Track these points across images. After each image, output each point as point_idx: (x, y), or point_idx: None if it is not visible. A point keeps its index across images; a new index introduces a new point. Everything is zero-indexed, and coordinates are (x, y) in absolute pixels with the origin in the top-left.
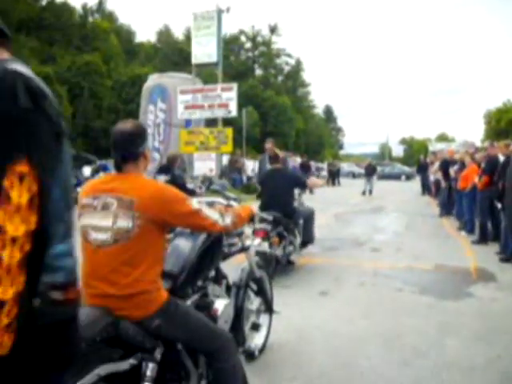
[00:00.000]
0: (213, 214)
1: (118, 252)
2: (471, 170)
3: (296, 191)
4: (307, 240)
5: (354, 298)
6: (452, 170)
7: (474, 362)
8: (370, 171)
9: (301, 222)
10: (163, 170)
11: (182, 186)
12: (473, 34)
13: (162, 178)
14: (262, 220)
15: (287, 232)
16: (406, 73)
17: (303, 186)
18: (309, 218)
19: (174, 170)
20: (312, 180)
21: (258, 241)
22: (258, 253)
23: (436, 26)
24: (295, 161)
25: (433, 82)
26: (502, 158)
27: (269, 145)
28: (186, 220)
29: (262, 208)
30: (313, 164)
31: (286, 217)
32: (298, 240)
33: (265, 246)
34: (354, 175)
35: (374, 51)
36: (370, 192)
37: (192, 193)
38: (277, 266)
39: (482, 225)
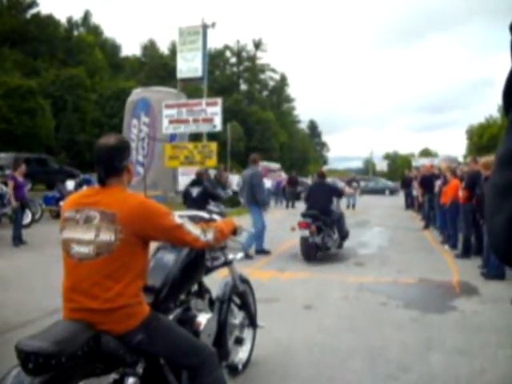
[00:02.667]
0: (195, 230)
1: (100, 265)
2: (452, 185)
3: (334, 199)
4: (343, 235)
5: (338, 312)
6: (436, 185)
7: (458, 375)
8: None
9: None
10: (196, 183)
11: (212, 194)
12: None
13: (196, 190)
14: (305, 215)
15: (325, 226)
16: (390, 89)
17: (340, 195)
18: (340, 217)
19: (204, 181)
20: (346, 190)
21: (240, 254)
22: (301, 239)
23: (419, 44)
24: (280, 176)
25: (417, 98)
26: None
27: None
28: (168, 234)
29: (307, 208)
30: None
31: (324, 215)
32: (336, 235)
33: (306, 233)
34: None
35: (358, 67)
36: (353, 206)
37: (221, 198)
38: (316, 252)
39: (466, 238)
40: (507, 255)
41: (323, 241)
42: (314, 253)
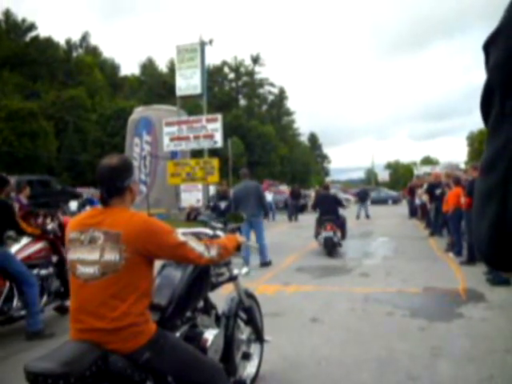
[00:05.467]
0: (198, 247)
1: (105, 285)
2: (453, 193)
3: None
4: (343, 235)
5: (345, 324)
6: (437, 193)
7: (467, 382)
8: (362, 195)
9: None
10: (222, 197)
11: None
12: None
13: (223, 204)
14: (326, 220)
15: (336, 227)
16: (391, 98)
17: (341, 205)
18: (343, 221)
19: (229, 197)
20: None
21: (245, 269)
22: (325, 238)
23: (420, 52)
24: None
25: (419, 106)
26: None
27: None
28: (172, 252)
29: (321, 214)
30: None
31: (337, 219)
32: (340, 234)
33: (330, 234)
34: None
35: (358, 78)
36: (367, 216)
37: None
38: (336, 246)
39: (470, 245)
40: (491, 259)
41: (338, 239)
42: (333, 249)
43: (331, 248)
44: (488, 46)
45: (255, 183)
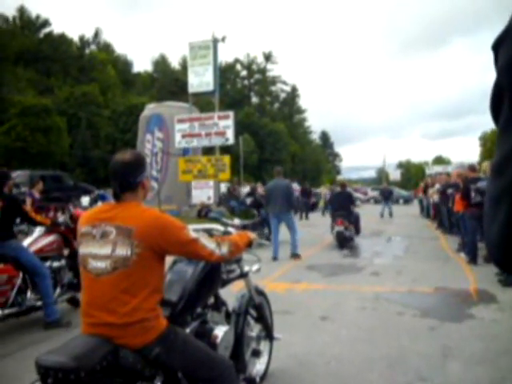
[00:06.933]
0: (210, 244)
1: (117, 280)
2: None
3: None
4: (357, 230)
5: (355, 323)
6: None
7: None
8: (387, 195)
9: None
10: (250, 194)
11: (260, 203)
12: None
13: (249, 199)
14: (338, 215)
15: (349, 222)
16: (406, 97)
17: (353, 203)
18: (357, 217)
19: (256, 194)
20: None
21: (256, 266)
22: (336, 232)
23: (437, 50)
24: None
25: (434, 105)
26: None
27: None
28: (183, 248)
29: (335, 210)
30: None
31: (349, 215)
32: (353, 230)
33: (341, 228)
34: None
35: (371, 76)
36: (391, 214)
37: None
38: (349, 241)
39: (472, 245)
40: (503, 262)
41: (350, 234)
42: (345, 243)
43: (342, 241)
44: (497, 47)
45: (286, 182)
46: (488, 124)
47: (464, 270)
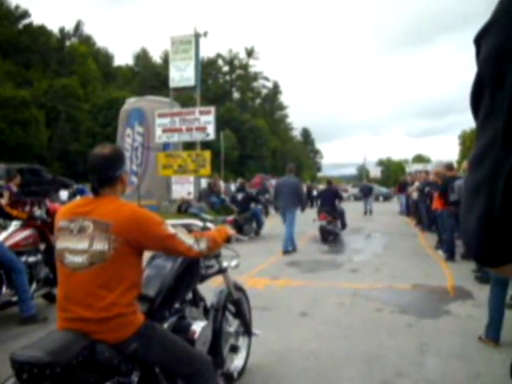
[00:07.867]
0: (188, 239)
1: (93, 275)
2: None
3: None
4: (343, 225)
5: (333, 319)
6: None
7: (454, 380)
8: (366, 192)
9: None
10: (239, 190)
11: (253, 198)
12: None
13: (240, 195)
14: (321, 210)
15: (333, 217)
16: (389, 95)
17: (340, 198)
18: (341, 212)
19: (246, 189)
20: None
21: (234, 262)
22: (320, 226)
23: (422, 49)
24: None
25: (418, 103)
26: None
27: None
28: (161, 244)
29: (321, 205)
30: None
31: (332, 210)
32: (339, 225)
33: (323, 223)
34: None
35: (354, 73)
36: (370, 212)
37: (259, 202)
38: (329, 236)
39: (449, 242)
40: (479, 255)
41: (333, 228)
42: (328, 236)
43: (325, 235)
44: (479, 40)
45: (296, 180)
46: (468, 123)
47: (442, 267)
